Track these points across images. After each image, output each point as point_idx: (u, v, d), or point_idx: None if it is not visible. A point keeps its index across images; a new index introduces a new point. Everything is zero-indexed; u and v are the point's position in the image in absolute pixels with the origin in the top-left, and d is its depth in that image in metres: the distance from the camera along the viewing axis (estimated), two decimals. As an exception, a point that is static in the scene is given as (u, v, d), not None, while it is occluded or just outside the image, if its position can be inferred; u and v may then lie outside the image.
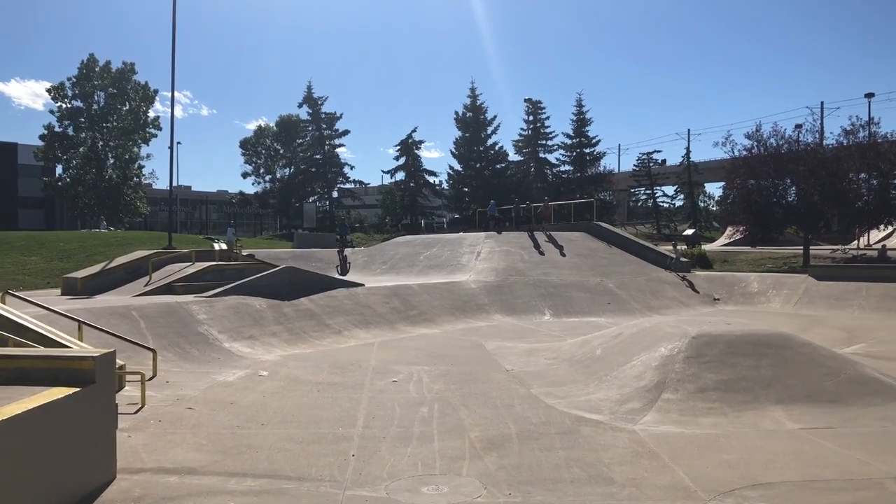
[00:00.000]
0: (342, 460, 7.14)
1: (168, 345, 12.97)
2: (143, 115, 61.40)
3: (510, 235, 30.65)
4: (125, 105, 60.31)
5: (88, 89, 58.57)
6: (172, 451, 7.37)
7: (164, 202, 71.22)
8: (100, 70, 58.86)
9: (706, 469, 6.81)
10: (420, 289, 20.93)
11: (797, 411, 8.91)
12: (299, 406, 9.52)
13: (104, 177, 59.09)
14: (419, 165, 69.24)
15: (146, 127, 61.66)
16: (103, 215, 55.93)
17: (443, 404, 9.62)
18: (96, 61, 58.82)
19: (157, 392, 9.94)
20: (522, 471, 6.81)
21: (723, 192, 66.62)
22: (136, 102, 60.71)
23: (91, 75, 58.47)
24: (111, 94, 59.46)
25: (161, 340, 12.92)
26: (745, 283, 25.58)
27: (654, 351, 10.73)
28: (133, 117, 60.44)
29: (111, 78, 59.27)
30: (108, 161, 60.54)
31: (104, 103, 59.53)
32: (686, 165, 70.96)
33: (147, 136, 62.06)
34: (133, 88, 60.47)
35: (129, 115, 60.31)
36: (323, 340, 15.58)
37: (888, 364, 12.18)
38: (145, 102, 61.51)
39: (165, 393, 9.99)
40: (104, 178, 59.02)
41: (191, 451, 7.39)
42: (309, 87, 67.38)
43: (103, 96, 59.49)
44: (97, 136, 59.78)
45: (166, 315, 14.32)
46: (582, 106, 69.79)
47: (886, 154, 27.72)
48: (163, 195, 70.94)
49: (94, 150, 59.61)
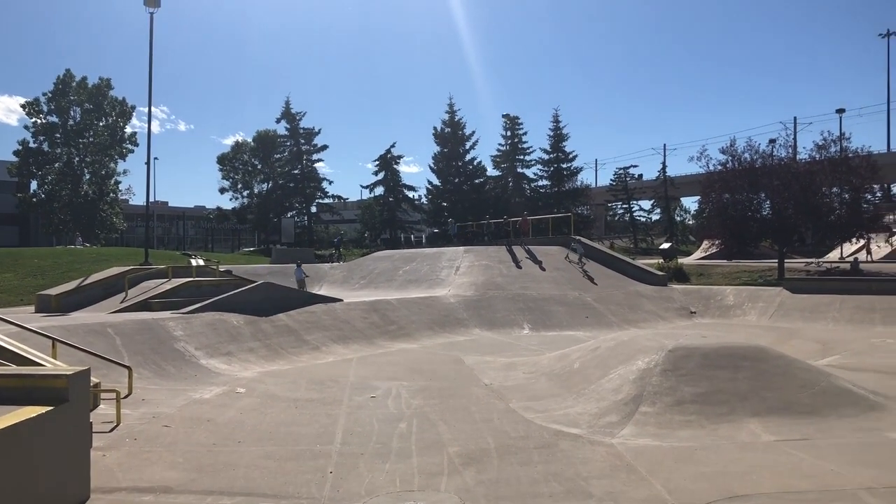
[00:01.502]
0: (320, 477, 7.09)
1: (144, 362, 12.83)
2: (119, 131, 61.05)
3: (489, 250, 30.71)
4: (102, 120, 59.93)
5: (64, 105, 58.15)
6: (148, 470, 7.28)
7: (141, 218, 70.67)
8: (76, 85, 58.49)
9: (683, 482, 6.84)
10: (399, 304, 20.89)
11: (773, 423, 8.98)
12: (276, 423, 9.44)
13: (80, 192, 58.56)
14: (398, 180, 69.36)
15: (123, 142, 61.30)
16: (79, 231, 55.34)
17: (421, 419, 9.59)
18: (73, 77, 58.45)
19: (133, 410, 9.82)
20: (501, 486, 6.80)
21: (698, 206, 67.53)
22: (113, 118, 60.36)
23: (67, 90, 58.08)
24: (87, 110, 59.08)
25: (137, 357, 12.77)
26: (721, 297, 25.81)
27: (632, 364, 10.78)
28: (110, 133, 60.04)
29: (87, 93, 58.89)
30: (85, 177, 60.03)
31: (80, 119, 59.12)
32: (662, 180, 71.74)
33: (124, 152, 61.68)
34: (110, 104, 60.13)
35: (106, 131, 59.91)
36: (301, 356, 15.48)
37: (862, 375, 12.33)
38: (122, 118, 61.17)
39: (141, 411, 9.87)
40: (80, 193, 58.49)
41: (166, 470, 7.30)
42: (287, 103, 67.50)
43: (79, 112, 59.11)
44: (73, 152, 59.28)
45: (142, 332, 14.17)
46: (559, 121, 70.59)
47: (857, 168, 28.17)
48: (139, 211, 70.41)
49: (69, 166, 59.08)
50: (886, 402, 10.04)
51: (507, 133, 70.74)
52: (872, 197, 30.76)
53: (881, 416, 9.40)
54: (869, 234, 31.59)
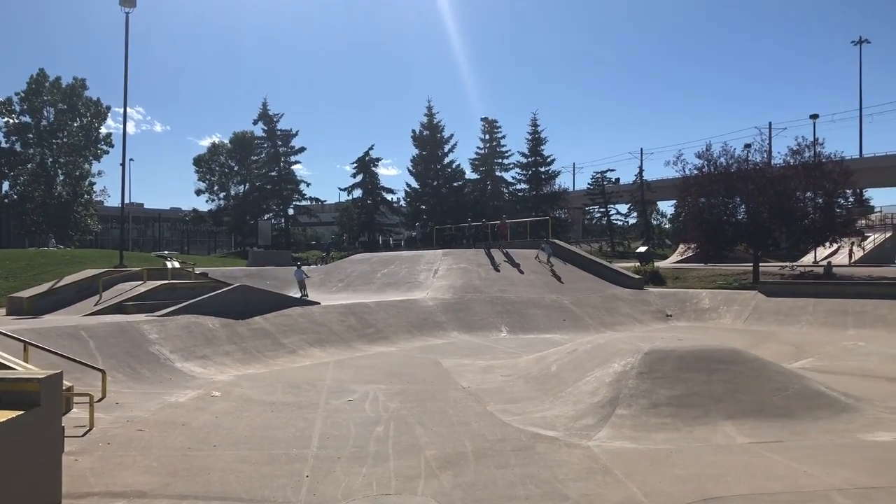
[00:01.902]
0: (296, 481, 7.04)
1: (118, 365, 12.69)
2: (94, 132, 60.42)
3: (467, 253, 30.76)
4: (76, 121, 59.30)
5: (38, 105, 57.46)
6: (121, 475, 7.19)
7: (116, 220, 69.99)
8: (49, 85, 57.83)
9: (659, 484, 6.88)
10: (377, 307, 20.84)
11: (747, 426, 9.07)
12: (252, 427, 9.38)
13: (53, 194, 57.88)
14: (376, 183, 69.20)
15: (97, 143, 60.68)
16: (52, 233, 54.66)
17: (399, 423, 9.57)
18: (46, 76, 57.78)
19: (107, 414, 9.71)
20: (478, 489, 6.80)
21: (675, 211, 67.99)
22: (88, 118, 59.73)
23: (41, 90, 57.39)
24: (61, 110, 58.44)
25: (111, 361, 12.63)
26: (696, 300, 26.01)
27: (608, 367, 10.84)
28: (84, 133, 59.41)
29: (61, 93, 58.24)
30: (58, 178, 59.35)
31: (54, 119, 58.47)
32: (639, 184, 72.29)
33: (98, 153, 61.07)
34: (84, 104, 59.49)
35: (80, 132, 59.27)
36: (277, 360, 15.39)
37: (834, 378, 12.49)
38: (97, 119, 60.55)
39: (115, 415, 9.76)
40: (53, 195, 57.81)
41: (140, 474, 7.22)
42: (264, 104, 67.15)
43: (53, 112, 58.43)
44: (46, 153, 58.59)
45: (117, 335, 14.02)
46: (537, 125, 70.92)
47: (830, 173, 28.51)
48: (114, 212, 69.74)
49: (42, 167, 58.38)
50: (858, 404, 10.18)
51: (486, 136, 71.00)
52: (845, 202, 31.14)
53: (853, 418, 9.53)
54: (853, 238, 31.96)
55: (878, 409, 10.15)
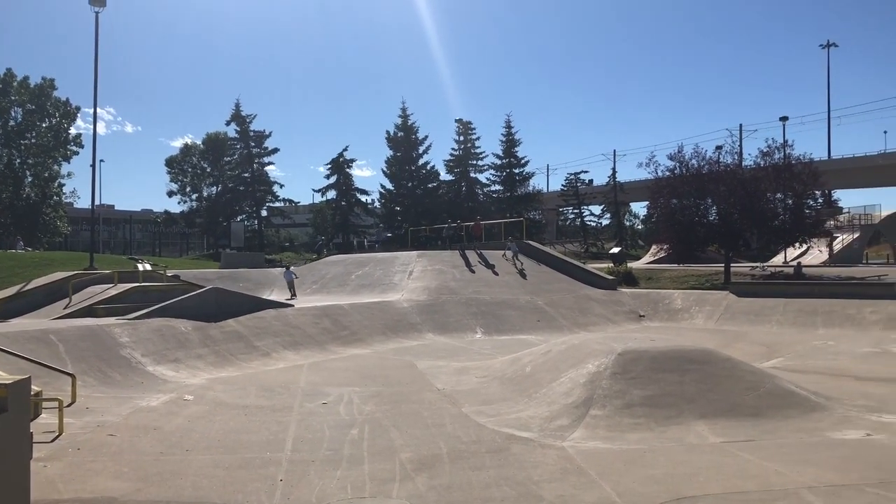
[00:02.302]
0: (270, 485, 6.99)
1: (88, 369, 12.51)
2: (63, 132, 59.55)
3: (442, 254, 30.78)
4: (45, 122, 58.40)
5: (5, 105, 56.51)
6: (92, 481, 7.09)
7: (86, 221, 68.97)
8: (17, 85, 56.90)
9: (633, 484, 6.93)
10: (351, 308, 20.77)
11: (720, 425, 9.16)
12: (226, 430, 9.29)
13: (21, 195, 56.94)
14: (351, 184, 68.94)
15: (67, 144, 59.80)
16: (20, 235, 53.76)
17: (373, 425, 9.54)
18: (13, 76, 56.83)
19: (77, 419, 9.56)
20: (453, 491, 6.80)
21: (647, 212, 68.60)
22: (57, 119, 58.85)
23: (8, 90, 56.46)
24: (29, 111, 57.52)
25: (81, 365, 12.45)
26: (669, 300, 26.25)
27: (582, 368, 10.90)
28: (53, 134, 58.55)
29: (29, 93, 57.33)
30: (27, 179, 58.40)
31: (22, 119, 57.53)
32: (612, 185, 72.88)
33: (68, 154, 60.20)
34: (53, 105, 58.63)
35: (49, 132, 58.40)
36: (251, 363, 15.28)
37: (804, 377, 12.67)
38: (66, 119, 59.69)
39: (85, 420, 9.62)
40: (21, 196, 56.88)
41: (111, 480, 7.12)
42: (237, 105, 66.66)
43: (21, 112, 57.48)
44: (14, 154, 57.63)
45: (87, 338, 13.83)
46: (511, 127, 71.26)
47: (800, 175, 28.91)
48: (84, 214, 68.63)
49: (10, 168, 57.42)
50: (827, 402, 10.34)
51: (461, 138, 71.04)
52: (814, 203, 31.62)
53: (822, 417, 9.67)
54: (834, 236, 32.32)
55: (847, 407, 10.31)
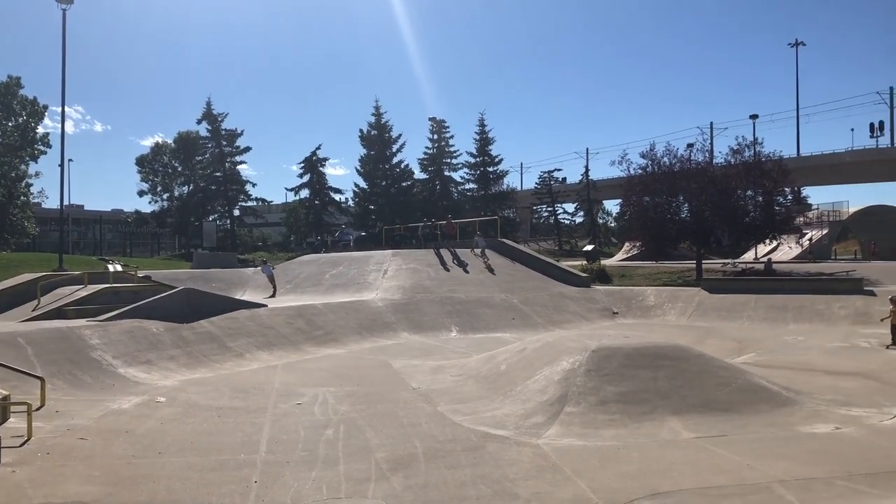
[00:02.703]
0: (244, 487, 6.94)
1: (58, 372, 12.32)
2: (30, 132, 58.49)
3: (417, 253, 30.73)
4: (11, 121, 57.30)
5: (-31, 104, 55.39)
6: (62, 485, 6.99)
7: (55, 222, 68.06)
8: (-18, 84, 55.80)
9: (607, 481, 6.97)
10: (326, 308, 20.67)
11: (692, 421, 9.26)
12: (199, 432, 9.21)
13: (-13, 196, 55.87)
14: (324, 183, 68.66)
15: (34, 143, 58.74)
16: (-14, 236, 52.85)
17: (349, 425, 9.50)
18: (-23, 75, 55.73)
19: (46, 423, 9.41)
20: (429, 490, 6.80)
21: (620, 209, 69.11)
22: (24, 118, 57.79)
23: (-28, 89, 55.35)
24: (-6, 110, 56.42)
25: (50, 368, 12.26)
26: (642, 297, 26.46)
27: (557, 365, 10.95)
28: (20, 133, 57.48)
29: (-6, 92, 56.26)
30: (-8, 179, 57.29)
31: (-13, 118, 56.41)
32: (585, 183, 73.35)
33: (35, 153, 59.13)
34: (20, 103, 57.55)
35: (16, 132, 57.33)
36: (224, 364, 15.14)
37: (775, 372, 12.85)
38: (33, 118, 58.64)
39: (55, 423, 9.47)
40: (-13, 196, 55.80)
41: (82, 484, 7.02)
42: (208, 103, 65.98)
43: (-15, 111, 56.37)
44: (-22, 154, 56.49)
45: (56, 341, 13.61)
46: (485, 125, 71.37)
47: (770, 172, 29.31)
48: (53, 215, 67.77)
49: (-25, 168, 56.29)
50: (798, 397, 10.49)
51: (434, 136, 71.07)
52: (784, 200, 32.04)
53: (792, 411, 9.82)
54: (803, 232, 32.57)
55: (817, 401, 10.47)
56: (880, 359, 15.06)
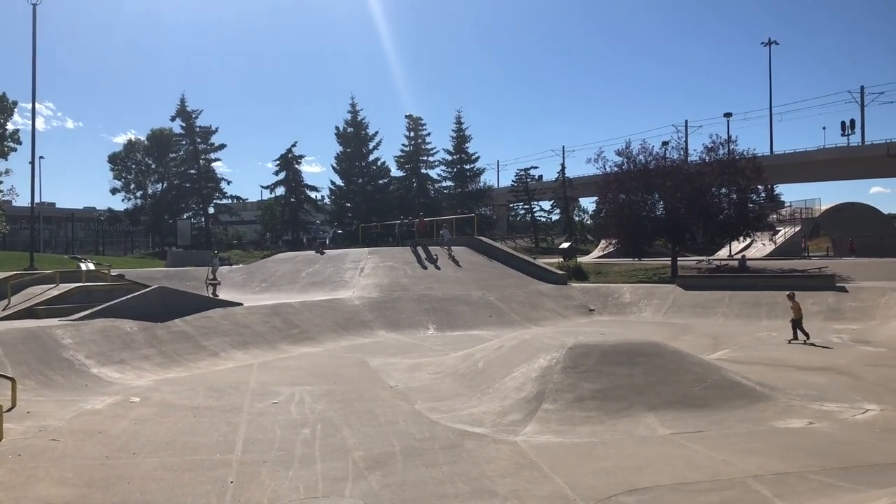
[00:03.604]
0: (220, 487, 6.88)
1: (29, 372, 12.15)
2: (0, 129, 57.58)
3: (394, 251, 30.69)
4: (-21, 117, 56.32)
5: (-64, 99, 54.34)
6: (34, 488, 6.88)
7: (26, 220, 66.83)
8: (-50, 79, 54.88)
9: (584, 477, 7.00)
10: (302, 306, 20.56)
11: (668, 417, 9.33)
12: (174, 433, 9.11)
13: (-45, 193, 54.89)
14: (300, 180, 68.13)
15: (4, 140, 57.80)
16: (-46, 235, 51.93)
17: (325, 424, 9.46)
18: (-54, 69, 54.78)
19: (17, 424, 9.27)
20: (406, 488, 6.78)
21: (596, 207, 69.50)
22: (-8, 114, 56.83)
23: (-60, 84, 54.39)
24: (-38, 106, 55.42)
25: (21, 368, 12.09)
26: (618, 294, 26.62)
27: (534, 362, 10.98)
28: (-11, 130, 56.54)
29: (-37, 87, 55.35)
30: (-40, 176, 56.35)
31: (-46, 115, 55.39)
32: (561, 181, 73.52)
33: (5, 151, 58.14)
34: (-12, 99, 56.61)
35: (-16, 128, 56.37)
36: (199, 363, 15.00)
37: (749, 368, 13.00)
38: (2, 114, 57.62)
39: (26, 424, 9.33)
40: (-45, 194, 54.82)
41: (54, 486, 6.92)
42: (182, 100, 65.21)
43: (-47, 107, 55.36)
44: (-54, 150, 55.47)
45: (27, 340, 13.42)
46: (461, 123, 71.31)
47: (744, 170, 29.59)
48: (24, 213, 66.55)
49: (-57, 165, 55.37)
50: (772, 392, 10.61)
51: (411, 134, 70.85)
52: (757, 197, 32.35)
53: (766, 407, 9.93)
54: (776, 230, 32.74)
55: (790, 396, 10.60)
56: (852, 354, 15.30)
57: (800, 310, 17.83)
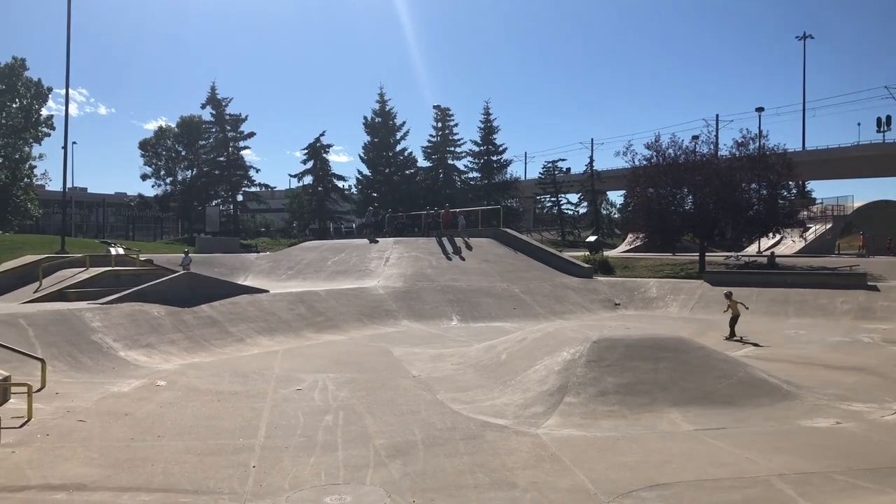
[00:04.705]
0: (242, 472, 6.94)
1: (59, 354, 12.34)
2: (34, 113, 58.36)
3: (419, 241, 30.70)
4: (15, 102, 57.13)
5: (-26, 85, 55.22)
6: (61, 467, 6.99)
7: (58, 204, 67.79)
8: (-13, 65, 55.65)
9: (606, 471, 6.96)
10: (327, 295, 20.65)
11: (692, 413, 9.24)
12: (198, 416, 9.21)
13: (-9, 177, 55.82)
14: (327, 169, 68.40)
15: (38, 125, 58.62)
16: (-10, 218, 52.81)
17: (348, 412, 9.50)
18: (-17, 55, 55.62)
19: (46, 404, 9.43)
20: (427, 478, 6.79)
21: (624, 200, 69.06)
22: (28, 100, 57.60)
23: (-23, 70, 55.21)
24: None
25: (51, 350, 12.28)
26: (644, 289, 26.41)
27: (557, 355, 10.93)
28: (24, 115, 57.32)
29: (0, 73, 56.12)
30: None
31: (-9, 100, 56.26)
32: (589, 174, 73.09)
33: (39, 135, 59.01)
34: (24, 85, 57.36)
35: (20, 113, 57.17)
36: (224, 348, 15.15)
37: (776, 366, 12.82)
38: (38, 100, 58.45)
39: (55, 405, 9.49)
40: (-9, 178, 55.76)
41: (81, 466, 7.03)
42: (213, 88, 65.66)
43: (-9, 93, 56.22)
44: (-17, 135, 56.39)
45: (57, 323, 13.62)
46: (489, 114, 71.01)
47: (774, 166, 29.17)
48: (56, 197, 67.60)
49: (-21, 149, 56.23)
50: (798, 391, 10.46)
51: (438, 124, 70.73)
52: (788, 193, 31.88)
53: (793, 405, 9.79)
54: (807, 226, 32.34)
55: (818, 395, 10.44)
56: (882, 354, 15.03)
57: (737, 308, 17.92)
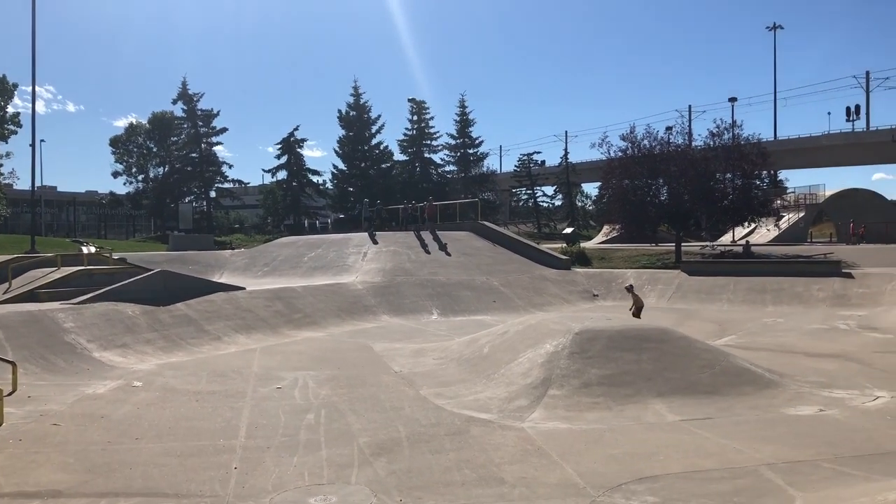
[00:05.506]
0: (224, 473, 6.78)
1: (31, 356, 12.06)
2: (0, 111, 57.30)
3: (397, 235, 30.56)
4: (-21, 99, 56.01)
5: (-65, 82, 54.01)
6: (35, 473, 6.80)
7: (27, 203, 66.59)
8: (-50, 61, 54.55)
9: (593, 465, 6.90)
10: (304, 291, 20.45)
11: (677, 403, 9.22)
12: (177, 417, 9.02)
13: (-44, 176, 54.70)
14: (302, 164, 67.86)
15: (4, 123, 57.55)
16: (-44, 218, 51.76)
17: (330, 410, 9.36)
18: (-54, 52, 54.44)
19: (18, 408, 9.18)
20: (413, 475, 6.68)
21: (599, 192, 69.26)
22: (-8, 97, 56.51)
23: (-60, 66, 54.11)
24: (-38, 88, 55.10)
25: (23, 352, 11.99)
26: (622, 280, 26.47)
27: (540, 348, 10.87)
28: (-11, 112, 56.26)
29: (-37, 70, 55.01)
30: (-40, 160, 56.09)
31: (-46, 97, 55.09)
32: (564, 166, 73.29)
33: (5, 133, 57.92)
34: (-12, 82, 56.29)
35: (-15, 111, 56.09)
36: (201, 347, 14.91)
37: (757, 354, 12.88)
38: (3, 97, 57.37)
39: (27, 409, 9.25)
40: (-44, 177, 54.64)
41: (56, 472, 6.83)
42: (184, 83, 64.85)
43: (-48, 90, 55.04)
44: (-54, 133, 55.22)
45: (28, 324, 13.32)
46: (465, 107, 70.89)
47: (749, 155, 29.34)
48: (25, 196, 66.36)
49: (-57, 148, 55.07)
50: (781, 379, 10.50)
51: (414, 118, 70.42)
52: (761, 183, 32.10)
53: (776, 393, 9.81)
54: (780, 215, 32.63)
55: (799, 383, 10.49)
56: (859, 340, 15.17)
57: (640, 300, 18.12)
